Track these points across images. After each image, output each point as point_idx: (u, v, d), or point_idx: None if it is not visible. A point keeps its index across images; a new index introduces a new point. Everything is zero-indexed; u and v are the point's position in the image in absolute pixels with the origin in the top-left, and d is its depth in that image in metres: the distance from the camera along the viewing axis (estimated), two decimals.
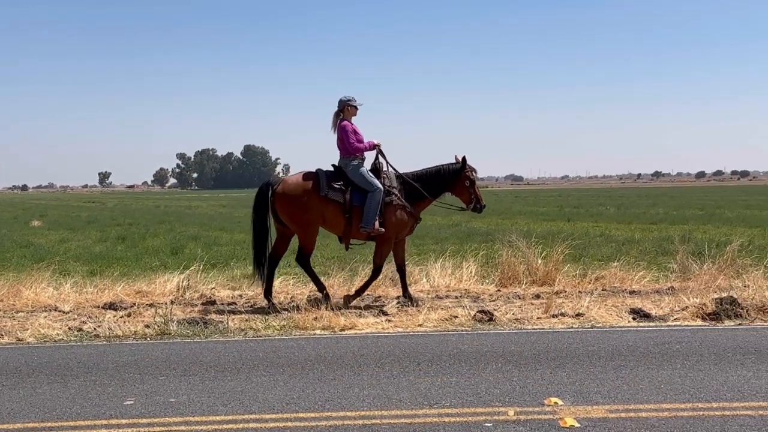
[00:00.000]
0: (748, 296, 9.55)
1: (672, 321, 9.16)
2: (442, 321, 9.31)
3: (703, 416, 5.41)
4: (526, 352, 7.56)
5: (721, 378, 6.40)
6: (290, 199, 10.43)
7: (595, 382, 6.34)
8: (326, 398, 6.05)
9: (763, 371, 6.59)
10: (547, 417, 5.47)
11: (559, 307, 9.86)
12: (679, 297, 10.16)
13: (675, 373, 6.59)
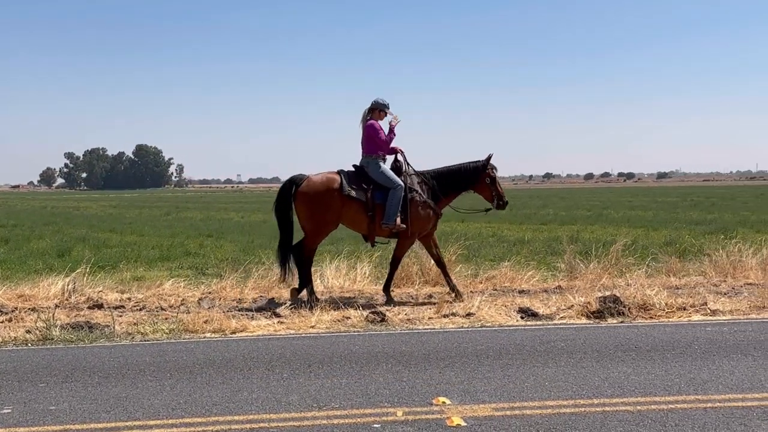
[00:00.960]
0: (630, 295, 9.87)
1: (558, 319, 9.41)
2: (335, 322, 9.31)
3: (584, 412, 5.57)
4: (416, 352, 7.62)
5: (603, 374, 6.61)
6: (313, 198, 10.66)
7: (483, 381, 6.45)
8: (213, 402, 5.96)
9: (642, 367, 6.83)
10: (435, 416, 5.53)
11: (450, 308, 9.99)
12: (566, 296, 10.43)
13: (559, 371, 6.76)
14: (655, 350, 7.50)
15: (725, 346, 7.66)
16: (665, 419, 5.38)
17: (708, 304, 9.92)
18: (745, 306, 9.88)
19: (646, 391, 6.06)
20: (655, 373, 6.61)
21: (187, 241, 22.30)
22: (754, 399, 5.79)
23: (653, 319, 9.30)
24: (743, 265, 12.72)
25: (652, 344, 7.79)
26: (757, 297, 10.09)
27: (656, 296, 9.87)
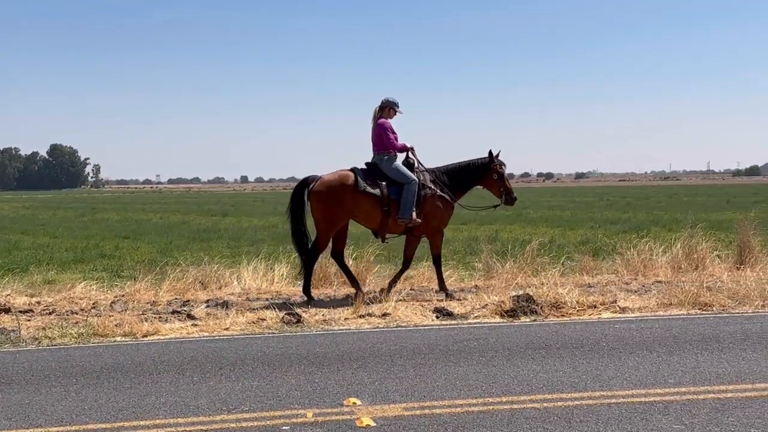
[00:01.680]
0: (543, 293, 10.05)
1: (473, 319, 9.52)
2: (250, 324, 9.24)
3: (492, 410, 5.65)
4: (330, 353, 7.62)
5: (512, 373, 6.71)
6: (328, 196, 10.85)
7: (395, 381, 6.49)
8: (120, 408, 5.85)
9: (551, 365, 6.97)
10: (345, 417, 5.54)
11: (368, 308, 10.01)
12: (481, 295, 10.55)
13: (470, 370, 6.84)
14: (565, 348, 7.65)
15: (632, 342, 7.86)
16: (570, 415, 5.49)
17: (618, 301, 10.17)
18: (654, 303, 10.15)
19: (553, 388, 6.18)
20: (563, 371, 6.74)
21: (103, 243, 21.86)
22: (656, 394, 5.95)
23: (565, 317, 9.49)
24: (653, 263, 13.08)
25: (562, 342, 7.94)
26: (664, 294, 10.36)
27: (568, 295, 10.07)
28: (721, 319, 9.12)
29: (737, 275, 11.89)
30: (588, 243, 18.21)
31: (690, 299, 10.00)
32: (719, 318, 9.23)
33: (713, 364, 6.87)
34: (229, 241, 22.35)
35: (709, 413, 5.46)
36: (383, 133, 11.06)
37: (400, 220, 10.91)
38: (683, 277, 11.95)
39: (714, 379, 6.34)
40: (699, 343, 7.73)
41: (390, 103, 11.21)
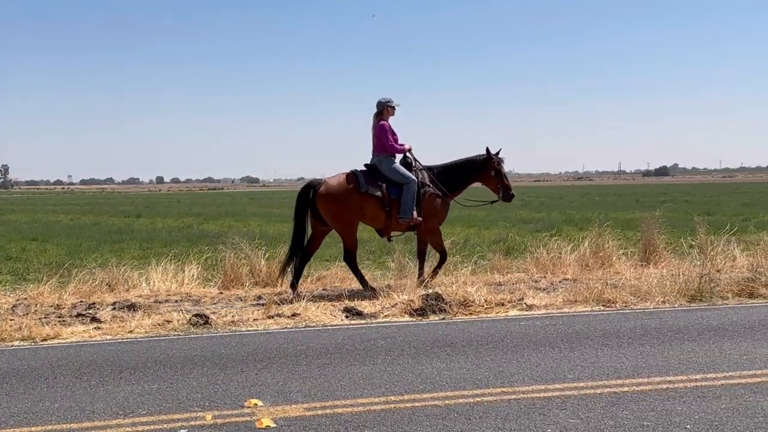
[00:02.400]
0: (453, 292, 10.13)
1: (382, 318, 9.53)
2: (155, 326, 9.06)
3: (394, 409, 5.65)
4: (235, 354, 7.53)
5: (417, 371, 6.74)
6: (334, 199, 11.14)
7: (298, 381, 6.44)
8: (11, 413, 5.65)
9: (455, 362, 7.02)
10: (245, 419, 5.47)
11: (278, 308, 9.93)
12: (392, 294, 10.57)
13: (375, 369, 6.84)
14: (470, 345, 7.72)
15: (536, 339, 7.98)
16: (471, 412, 5.53)
17: (525, 299, 10.31)
18: (560, 300, 10.32)
19: (456, 386, 6.22)
20: (466, 368, 6.79)
21: (9, 245, 21.18)
22: (556, 389, 6.05)
23: (473, 315, 9.58)
24: (562, 261, 13.31)
25: (467, 340, 8.01)
26: (571, 292, 10.56)
27: (477, 293, 10.18)
28: (622, 315, 9.34)
29: (641, 272, 12.18)
30: (501, 242, 18.42)
31: (594, 296, 10.22)
32: (621, 314, 9.44)
33: (612, 359, 7.03)
34: (141, 242, 21.91)
35: (605, 407, 5.58)
36: (383, 134, 11.35)
37: (402, 220, 11.25)
38: (590, 275, 12.21)
39: (612, 374, 6.48)
40: (600, 339, 7.90)
41: (384, 103, 11.45)
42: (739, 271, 11.57)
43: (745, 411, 5.40)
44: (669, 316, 9.24)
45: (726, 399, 5.69)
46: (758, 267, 11.07)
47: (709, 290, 10.39)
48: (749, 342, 7.61)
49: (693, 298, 10.27)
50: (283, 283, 11.63)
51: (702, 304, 10.00)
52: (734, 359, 6.91)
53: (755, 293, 10.48)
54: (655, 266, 12.97)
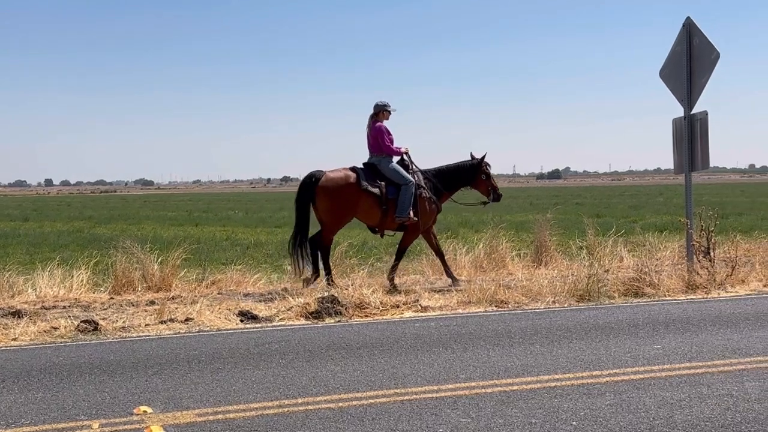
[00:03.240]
0: (349, 294, 10.16)
1: (277, 321, 9.48)
2: (41, 333, 8.76)
3: (288, 412, 5.63)
4: (125, 360, 7.36)
5: (311, 374, 6.73)
6: (333, 192, 11.51)
7: (190, 387, 6.34)
8: None
9: (349, 365, 7.04)
10: (134, 427, 5.35)
11: (171, 313, 9.75)
12: (288, 298, 10.52)
13: (269, 372, 6.80)
14: (365, 347, 7.76)
15: (429, 340, 8.07)
16: (364, 414, 5.56)
17: (420, 301, 10.43)
18: (454, 302, 10.48)
19: (350, 388, 6.24)
20: (360, 370, 6.82)
21: None
22: (448, 389, 6.14)
23: (368, 318, 9.63)
24: (457, 263, 13.50)
25: (362, 342, 8.05)
26: (465, 293, 10.73)
27: (373, 295, 10.24)
28: (514, 316, 9.55)
29: (533, 273, 12.48)
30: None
31: (488, 297, 10.41)
32: (513, 314, 9.66)
33: (503, 358, 7.17)
34: (28, 246, 21.17)
35: (495, 406, 5.69)
36: (380, 136, 11.78)
37: (398, 219, 11.72)
38: (484, 276, 12.41)
39: (502, 373, 6.61)
40: (492, 339, 8.06)
41: (381, 106, 11.90)
42: (625, 271, 11.97)
43: (628, 407, 5.59)
44: (559, 315, 9.49)
45: (610, 395, 5.89)
46: (643, 267, 11.47)
47: (597, 290, 10.73)
48: (633, 340, 7.89)
49: (582, 297, 10.58)
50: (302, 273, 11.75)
51: (590, 304, 10.32)
52: (619, 357, 7.16)
53: (640, 292, 10.87)
54: (547, 267, 13.31)
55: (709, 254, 11.83)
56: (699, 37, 12.01)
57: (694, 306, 9.98)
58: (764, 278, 11.78)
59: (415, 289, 11.38)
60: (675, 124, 12.59)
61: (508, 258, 13.79)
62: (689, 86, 12.12)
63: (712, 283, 11.23)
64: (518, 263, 13.62)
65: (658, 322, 8.79)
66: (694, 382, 6.21)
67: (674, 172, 12.96)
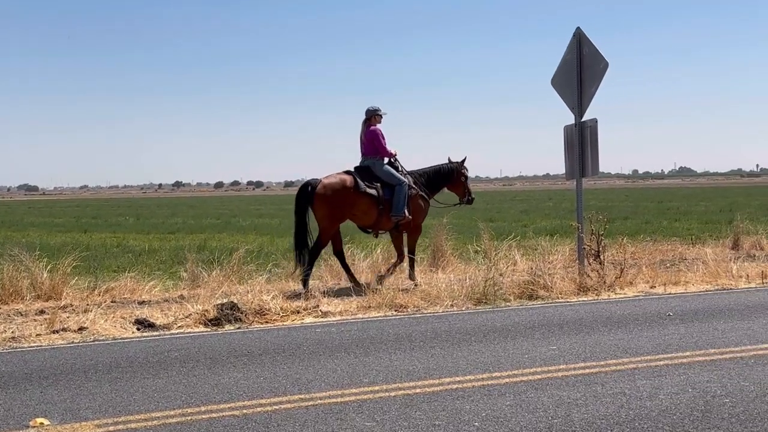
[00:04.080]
0: (248, 300, 10.09)
1: (176, 329, 9.35)
2: None
3: (191, 421, 5.57)
4: (17, 372, 7.13)
5: (213, 381, 6.67)
6: (332, 197, 12.02)
7: (87, 398, 6.20)
8: None
9: (252, 371, 7.01)
10: None
11: (63, 322, 9.48)
12: (185, 305, 10.38)
13: (170, 381, 6.71)
14: (267, 354, 7.74)
15: (332, 345, 8.12)
16: (269, 420, 5.55)
17: (321, 306, 10.46)
18: (354, 306, 10.55)
19: (253, 395, 6.22)
20: (263, 377, 6.81)
21: None
22: (352, 394, 6.19)
23: (269, 324, 9.60)
24: (356, 268, 13.56)
25: (264, 348, 8.02)
26: (364, 298, 10.82)
27: (273, 301, 10.21)
28: (414, 320, 9.69)
29: (431, 277, 12.68)
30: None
31: (387, 302, 10.52)
32: (413, 318, 9.80)
33: (405, 362, 7.28)
34: None
35: (399, 409, 5.77)
36: (375, 139, 12.45)
37: (394, 218, 12.34)
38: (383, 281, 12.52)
39: (405, 377, 6.71)
40: (393, 343, 8.16)
41: (373, 111, 12.58)
42: (519, 274, 12.30)
43: (527, 407, 5.76)
44: (457, 319, 9.68)
45: (510, 396, 6.05)
46: (536, 270, 11.80)
47: (494, 293, 10.99)
48: (530, 341, 8.12)
49: (479, 301, 10.81)
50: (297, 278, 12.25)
51: (487, 307, 10.56)
52: (517, 358, 7.36)
53: (534, 295, 11.18)
54: (444, 271, 13.53)
55: (599, 257, 12.25)
56: (588, 46, 12.46)
57: (586, 307, 10.34)
58: (650, 280, 12.30)
59: (314, 295, 11.39)
60: (566, 131, 13.00)
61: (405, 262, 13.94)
62: (580, 94, 12.55)
63: (602, 285, 11.66)
64: (416, 268, 13.78)
65: (552, 324, 9.07)
66: (589, 381, 6.45)
67: (566, 178, 13.41)
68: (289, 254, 16.62)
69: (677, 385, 6.23)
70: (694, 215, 32.67)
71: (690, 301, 10.66)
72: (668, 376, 6.55)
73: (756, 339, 7.96)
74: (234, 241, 22.75)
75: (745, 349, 7.48)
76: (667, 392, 6.04)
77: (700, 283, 12.30)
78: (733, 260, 13.80)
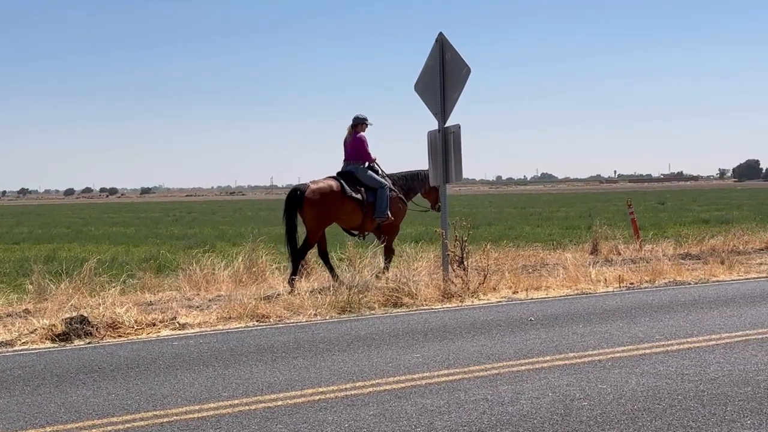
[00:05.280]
0: (100, 314, 9.77)
1: (19, 345, 8.95)
2: None
3: None
4: None
5: (60, 400, 6.42)
6: (320, 202, 12.84)
7: None
8: None
9: (103, 388, 6.79)
10: None
11: None
12: (31, 320, 9.95)
13: (12, 401, 6.42)
14: (119, 369, 7.52)
15: (190, 359, 7.96)
16: None
17: (178, 318, 10.25)
18: (214, 318, 10.39)
19: (104, 413, 6.03)
20: (115, 393, 6.61)
21: None
22: (210, 408, 6.08)
23: (122, 338, 9.33)
24: (216, 278, 13.39)
25: (117, 363, 7.79)
26: (224, 308, 10.67)
27: (126, 314, 9.91)
28: (276, 330, 9.63)
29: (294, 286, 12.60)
30: (152, 260, 18.07)
31: (249, 312, 10.42)
32: (275, 329, 9.73)
33: (266, 374, 7.22)
34: None
35: (260, 422, 5.72)
36: (361, 145, 13.43)
37: (378, 219, 13.29)
38: (245, 290, 12.38)
39: (266, 389, 6.65)
40: (254, 355, 8.08)
41: (362, 119, 13.53)
42: (384, 281, 12.42)
43: (390, 416, 5.82)
44: (321, 328, 9.68)
45: (373, 406, 6.10)
46: (402, 278, 11.96)
47: (358, 301, 11.05)
48: (394, 350, 8.21)
49: (344, 309, 10.85)
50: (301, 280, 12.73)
51: (352, 315, 10.61)
52: (381, 367, 7.42)
53: (399, 303, 11.31)
54: (308, 279, 13.49)
55: (463, 264, 12.51)
56: (451, 52, 12.73)
57: (450, 314, 10.54)
58: (513, 285, 12.66)
59: (171, 306, 11.15)
60: (430, 137, 13.23)
61: (268, 271, 13.87)
62: (443, 100, 12.80)
63: (466, 292, 11.91)
64: (279, 276, 13.72)
65: (417, 331, 9.21)
66: (452, 388, 6.57)
67: (430, 184, 13.66)
68: (145, 264, 16.28)
69: (538, 390, 6.43)
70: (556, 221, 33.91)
71: (551, 306, 11.03)
72: (529, 380, 6.75)
73: (613, 342, 8.32)
74: (86, 251, 22.04)
75: (602, 352, 7.80)
76: (528, 397, 6.23)
77: (560, 288, 12.74)
78: (592, 265, 14.39)
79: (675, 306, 10.68)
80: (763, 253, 17.43)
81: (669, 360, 7.40)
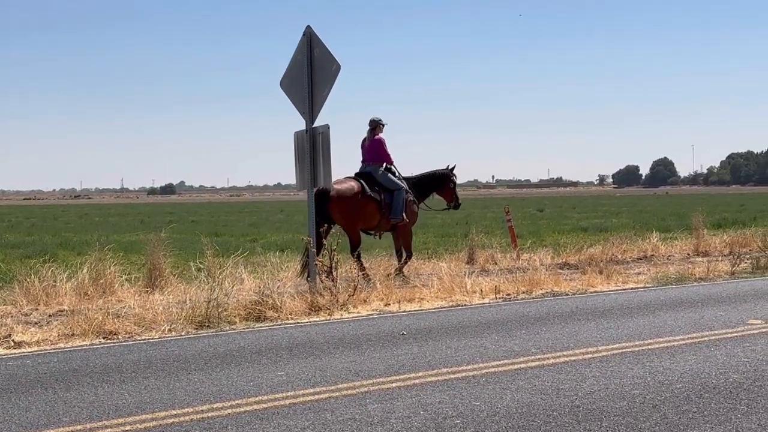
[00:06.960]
0: None
1: None
2: None
3: None
4: None
5: None
6: (346, 201, 14.25)
7: None
8: None
9: None
10: None
11: None
12: None
13: None
14: None
15: (25, 381, 7.72)
16: None
17: (13, 335, 9.91)
18: (55, 335, 10.11)
19: None
20: None
21: None
22: None
23: None
24: (57, 291, 12.99)
25: None
26: (67, 325, 10.38)
27: None
28: (126, 348, 9.44)
29: (146, 299, 12.39)
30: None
31: (95, 328, 10.17)
32: (124, 346, 9.54)
33: (113, 396, 7.08)
34: None
35: None
36: (381, 147, 14.87)
37: (393, 220, 14.73)
38: (90, 304, 12.06)
39: (113, 412, 6.52)
40: (101, 375, 7.90)
41: (377, 122, 14.95)
42: (246, 294, 12.35)
43: None
44: (175, 345, 9.55)
45: (233, 429, 6.07)
46: (265, 290, 11.91)
47: (218, 315, 10.95)
48: (256, 367, 8.19)
49: (201, 324, 10.73)
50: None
51: (210, 331, 10.51)
52: (241, 386, 7.39)
53: (263, 316, 11.28)
54: (162, 292, 13.27)
55: (332, 274, 12.58)
56: (320, 47, 12.77)
57: (318, 328, 10.58)
58: (385, 297, 12.79)
59: (6, 323, 10.76)
60: (297, 138, 13.23)
61: (117, 283, 13.55)
62: (311, 98, 12.81)
63: (335, 304, 11.96)
64: (129, 289, 13.44)
65: (281, 347, 9.20)
66: (318, 407, 6.61)
67: (296, 189, 13.67)
68: None
69: (409, 408, 6.54)
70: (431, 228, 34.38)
71: (424, 319, 11.22)
72: (400, 398, 6.86)
73: (487, 356, 8.54)
74: None
75: (477, 367, 8.00)
76: (399, 416, 6.33)
77: (434, 299, 12.97)
78: (468, 275, 14.70)
79: (552, 318, 11.04)
80: (641, 263, 18.26)
81: (545, 374, 7.66)
